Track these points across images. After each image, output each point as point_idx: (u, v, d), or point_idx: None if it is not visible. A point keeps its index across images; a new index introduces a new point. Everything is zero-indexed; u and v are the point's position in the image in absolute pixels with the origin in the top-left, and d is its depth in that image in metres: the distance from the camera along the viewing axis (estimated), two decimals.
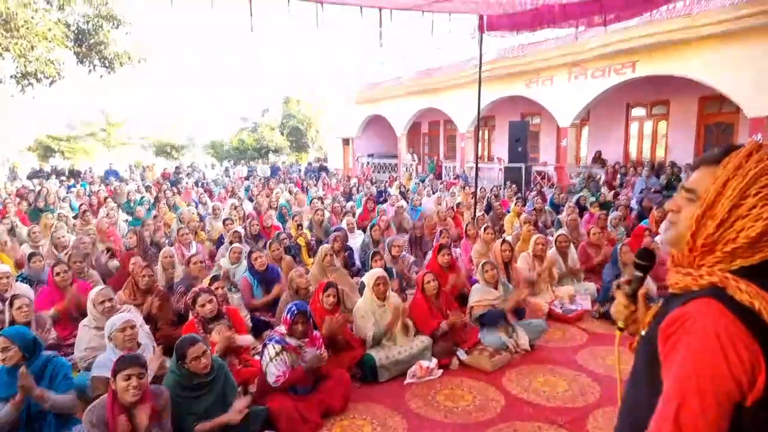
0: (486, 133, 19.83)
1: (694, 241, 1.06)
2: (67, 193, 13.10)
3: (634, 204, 10.03)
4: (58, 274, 4.61)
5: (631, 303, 1.31)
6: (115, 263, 6.28)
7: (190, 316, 4.28)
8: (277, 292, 5.19)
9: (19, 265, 6.10)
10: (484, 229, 6.53)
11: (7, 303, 3.91)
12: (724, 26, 9.88)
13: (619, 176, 13.05)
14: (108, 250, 7.13)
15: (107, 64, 15.21)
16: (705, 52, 10.54)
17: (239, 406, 3.06)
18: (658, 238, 6.52)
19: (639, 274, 1.32)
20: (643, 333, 1.17)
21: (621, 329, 1.34)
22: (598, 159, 14.63)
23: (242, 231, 7.05)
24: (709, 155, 1.12)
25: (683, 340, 0.95)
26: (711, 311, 0.94)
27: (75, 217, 9.13)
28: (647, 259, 1.32)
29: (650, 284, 5.23)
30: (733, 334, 0.90)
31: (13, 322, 3.70)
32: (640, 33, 11.14)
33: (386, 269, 5.36)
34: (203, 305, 3.86)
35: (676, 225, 1.13)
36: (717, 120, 13.03)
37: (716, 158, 1.08)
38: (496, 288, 4.78)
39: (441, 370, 4.20)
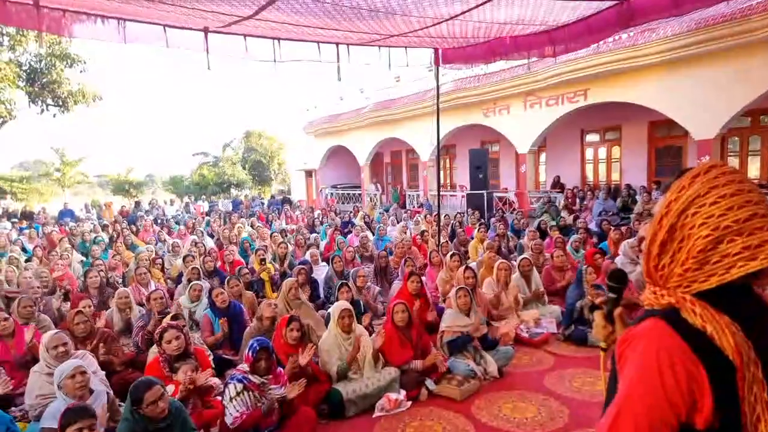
0: (447, 161, 20.24)
1: (647, 265, 1.08)
2: (18, 235, 12.50)
3: (593, 227, 10.35)
4: None
5: (608, 323, 1.33)
6: (68, 306, 5.98)
7: (151, 354, 4.10)
8: (225, 329, 5.06)
9: None
10: (451, 256, 6.58)
11: None
12: (667, 55, 10.52)
13: (578, 200, 13.48)
14: (64, 293, 6.82)
15: (60, 103, 14.88)
16: (651, 80, 11.18)
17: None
18: (618, 260, 6.71)
19: (612, 295, 1.36)
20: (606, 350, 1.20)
21: (604, 349, 1.36)
22: (557, 183, 15.13)
23: (199, 268, 6.88)
24: (668, 181, 1.14)
25: (629, 357, 0.97)
26: (657, 332, 0.95)
27: (27, 260, 8.71)
28: (619, 281, 1.36)
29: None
30: (673, 357, 0.90)
31: None
32: (589, 63, 11.74)
33: (353, 301, 5.31)
34: (169, 341, 3.69)
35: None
36: (667, 143, 13.75)
37: (671, 183, 1.10)
38: (468, 315, 4.79)
39: (410, 402, 4.14)
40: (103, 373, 3.96)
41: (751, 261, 0.93)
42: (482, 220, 11.57)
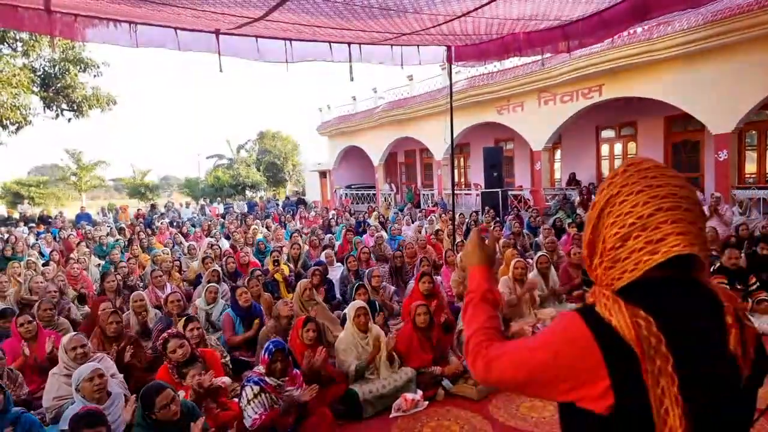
0: (462, 159, 20.13)
1: (586, 266, 1.10)
2: (36, 239, 12.72)
3: None
4: (21, 325, 4.40)
5: None
6: (85, 310, 6.06)
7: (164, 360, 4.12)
8: (256, 328, 5.06)
9: None
10: (460, 257, 6.51)
11: None
12: (683, 49, 10.34)
13: (593, 197, 13.28)
14: (80, 296, 6.90)
15: (75, 108, 15.08)
16: (667, 74, 10.98)
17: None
18: None
19: (586, 288, 1.37)
20: None
21: None
22: (573, 181, 14.93)
23: (218, 270, 6.91)
24: None
25: (552, 323, 1.04)
26: (567, 320, 1.00)
27: (45, 264, 8.84)
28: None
29: None
30: (574, 341, 0.96)
31: None
32: (604, 58, 11.58)
33: (369, 301, 5.28)
34: (174, 351, 3.70)
35: None
36: (683, 138, 13.49)
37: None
38: None
39: (426, 402, 4.11)
40: (121, 375, 3.98)
41: (653, 255, 0.95)
42: (497, 219, 11.47)
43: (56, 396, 3.66)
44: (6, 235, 12.66)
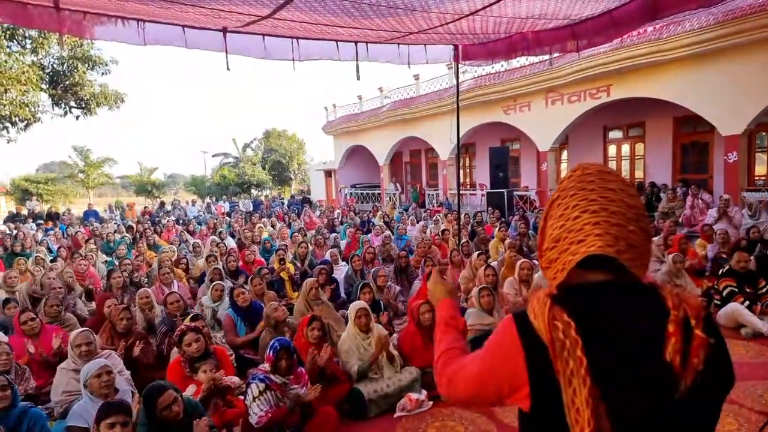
0: (467, 159, 20.08)
1: (540, 267, 1.14)
2: (44, 236, 12.81)
3: None
4: (24, 322, 4.42)
5: None
6: (92, 306, 6.08)
7: (172, 357, 4.13)
8: (261, 329, 5.06)
9: None
10: (478, 255, 6.48)
11: None
12: (692, 49, 10.24)
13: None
14: (88, 292, 6.94)
15: (83, 106, 15.16)
16: (677, 74, 10.89)
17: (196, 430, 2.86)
18: None
19: None
20: None
21: None
22: None
23: (220, 268, 6.92)
24: None
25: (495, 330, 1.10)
26: (504, 326, 1.04)
27: (53, 261, 8.89)
28: None
29: None
30: (503, 347, 1.02)
31: None
32: (613, 58, 11.49)
33: (374, 300, 5.27)
34: (189, 344, 3.71)
35: None
36: (692, 139, 13.37)
37: None
38: (491, 314, 4.72)
39: (431, 402, 4.09)
40: (128, 372, 4.00)
41: (574, 255, 0.99)
42: (503, 219, 11.42)
43: (65, 390, 3.68)
44: (14, 231, 12.76)
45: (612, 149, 15.43)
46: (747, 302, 5.45)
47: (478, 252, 6.64)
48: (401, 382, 4.12)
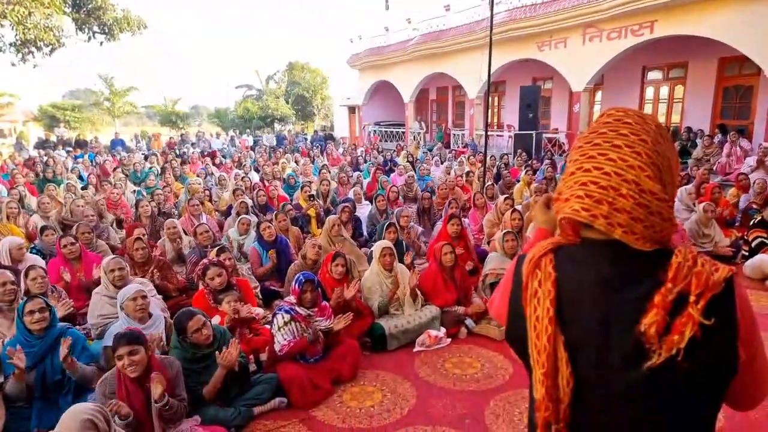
0: (496, 99, 19.43)
1: None
2: (74, 163, 13.11)
3: None
4: (65, 246, 4.60)
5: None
6: (123, 234, 6.29)
7: (200, 286, 4.29)
8: (274, 260, 5.19)
9: (29, 237, 6.12)
10: (504, 199, 6.40)
11: (21, 274, 3.91)
12: None
13: None
14: (118, 221, 7.15)
15: (107, 31, 14.94)
16: (727, 11, 10.13)
17: (223, 355, 2.99)
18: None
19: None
20: None
21: None
22: None
23: (249, 201, 7.01)
24: None
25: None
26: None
27: (83, 188, 9.13)
28: None
29: None
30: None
31: (27, 293, 3.69)
32: None
33: (397, 240, 5.32)
34: (212, 278, 3.85)
35: None
36: (736, 83, 12.61)
37: None
38: (512, 259, 4.72)
39: (449, 339, 4.22)
40: (161, 297, 4.18)
41: (559, 213, 1.02)
42: (529, 162, 11.19)
43: (100, 314, 3.88)
44: (45, 158, 13.06)
45: (649, 91, 14.69)
46: None
47: (504, 196, 6.55)
48: (421, 319, 4.23)
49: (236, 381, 3.16)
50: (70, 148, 17.23)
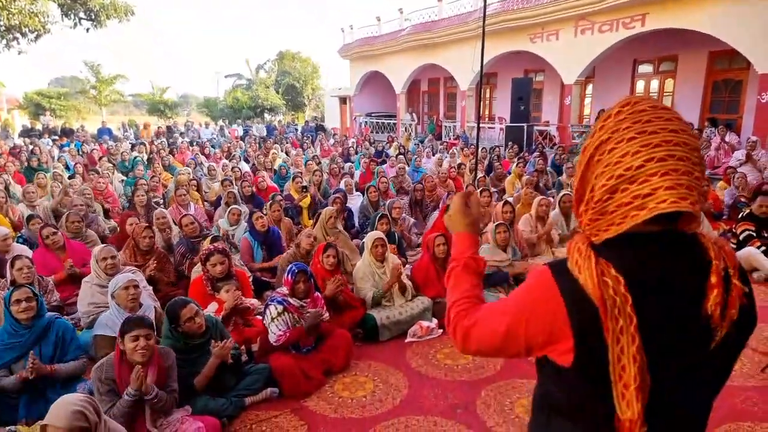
0: (487, 91, 19.42)
1: (574, 212, 1.05)
2: (60, 152, 12.89)
3: None
4: (47, 236, 4.53)
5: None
6: (112, 224, 6.20)
7: (193, 276, 4.25)
8: (278, 260, 5.14)
9: (15, 226, 6.01)
10: (481, 192, 6.44)
11: (8, 264, 3.85)
12: None
13: None
14: (105, 211, 7.05)
15: (93, 17, 14.67)
16: (718, 4, 10.20)
17: (218, 347, 3.00)
18: None
19: None
20: None
21: None
22: None
23: (236, 192, 6.94)
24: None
25: (527, 279, 1.03)
26: (540, 277, 0.98)
27: (70, 177, 8.99)
28: None
29: None
30: (542, 301, 0.95)
31: (14, 284, 3.64)
32: None
33: (389, 232, 5.31)
34: (215, 265, 3.82)
35: None
36: (726, 77, 12.72)
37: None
38: (505, 251, 4.75)
39: (441, 330, 4.22)
40: (151, 288, 4.14)
41: (640, 211, 0.90)
42: (521, 155, 11.21)
43: (91, 302, 3.84)
44: (31, 146, 12.83)
45: (640, 84, 14.77)
46: (763, 247, 5.42)
47: (481, 189, 6.62)
48: (413, 310, 4.24)
49: (228, 371, 3.14)
50: (56, 137, 16.95)
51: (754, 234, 5.54)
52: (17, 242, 5.09)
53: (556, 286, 0.94)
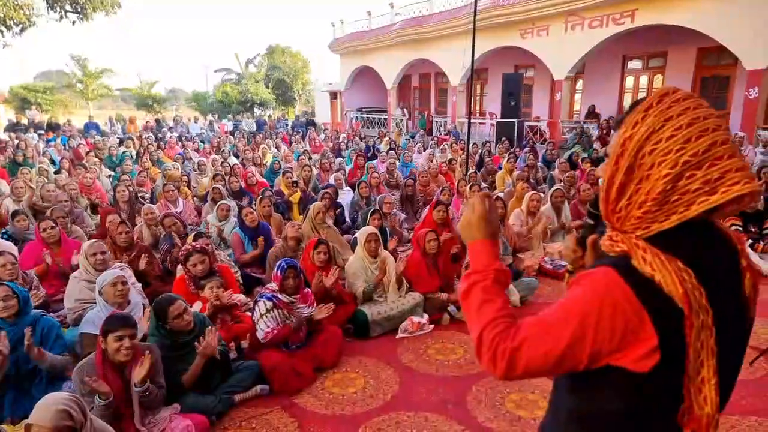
0: (478, 86, 19.42)
1: (605, 208, 1.01)
2: (46, 146, 12.69)
3: None
4: (44, 230, 4.45)
5: (579, 248, 1.31)
6: (98, 219, 6.12)
7: (179, 273, 4.20)
8: (262, 245, 5.12)
9: (0, 222, 5.90)
10: (470, 188, 6.45)
11: None
12: None
13: (612, 131, 12.89)
14: (93, 206, 6.96)
15: (79, 10, 14.41)
16: (706, 1, 10.28)
17: (203, 345, 2.94)
18: None
19: (590, 221, 1.33)
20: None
21: (570, 272, 1.36)
22: (592, 113, 14.43)
23: (221, 188, 6.88)
24: (621, 115, 1.02)
25: (575, 291, 0.95)
26: (606, 279, 0.91)
27: (56, 172, 8.86)
28: (599, 209, 1.24)
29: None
30: (616, 306, 0.88)
31: None
32: None
33: (380, 227, 5.29)
34: (195, 265, 3.76)
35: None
36: (714, 72, 12.83)
37: (623, 117, 1.00)
38: None
39: (432, 325, 4.23)
40: (140, 285, 4.08)
41: (711, 195, 0.88)
42: (511, 150, 11.23)
43: (78, 299, 3.78)
44: (16, 141, 12.62)
45: (629, 81, 14.86)
46: (750, 241, 5.49)
47: (470, 185, 6.62)
48: (404, 306, 4.23)
49: (217, 369, 3.11)
50: (42, 131, 16.69)
51: (741, 228, 5.59)
52: (2, 238, 4.99)
53: (628, 286, 0.89)
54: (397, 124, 19.97)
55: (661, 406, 0.92)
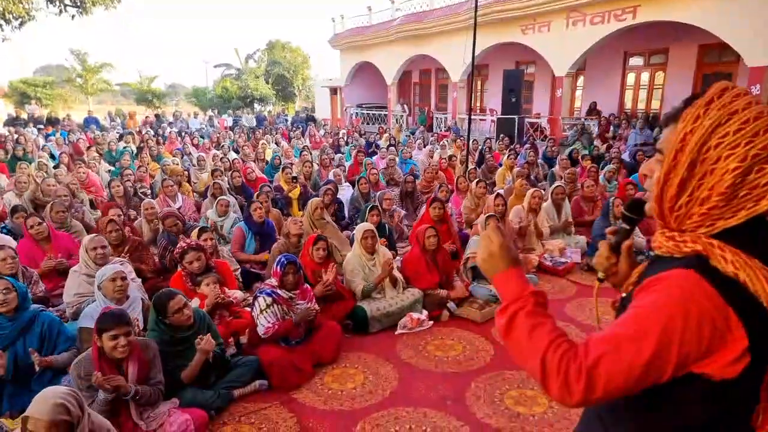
0: (479, 82, 19.36)
1: (660, 206, 0.98)
2: (45, 141, 12.65)
3: (626, 157, 9.94)
4: (31, 227, 4.43)
5: (613, 254, 1.25)
6: (97, 214, 6.11)
7: (178, 268, 4.19)
8: (267, 257, 5.10)
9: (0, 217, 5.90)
10: (476, 183, 6.43)
11: None
12: None
13: (612, 128, 12.88)
14: (91, 201, 6.95)
15: (79, 4, 14.34)
16: None
17: (203, 342, 2.94)
18: (650, 194, 6.48)
19: (625, 226, 1.25)
20: (624, 294, 1.11)
21: (600, 280, 1.29)
22: (593, 110, 14.40)
23: (222, 183, 6.86)
24: (673, 110, 1.00)
25: (651, 298, 0.90)
26: (689, 282, 0.87)
27: (55, 167, 8.84)
28: (636, 212, 1.21)
29: (639, 238, 5.23)
30: (703, 310, 0.84)
31: None
32: None
33: (380, 223, 5.28)
34: (191, 262, 3.74)
35: (650, 190, 1.04)
36: (716, 70, 12.78)
37: (678, 112, 0.98)
38: None
39: (431, 322, 4.22)
40: (140, 280, 4.08)
41: None
42: (512, 147, 11.21)
43: (77, 293, 3.77)
44: (16, 136, 12.60)
45: (631, 77, 14.81)
46: None
47: (477, 180, 6.58)
48: (403, 302, 4.22)
49: (216, 365, 3.10)
50: (42, 126, 16.65)
51: None
52: (1, 232, 4.99)
53: (713, 288, 0.85)
54: (397, 120, 19.93)
55: (741, 411, 0.90)
